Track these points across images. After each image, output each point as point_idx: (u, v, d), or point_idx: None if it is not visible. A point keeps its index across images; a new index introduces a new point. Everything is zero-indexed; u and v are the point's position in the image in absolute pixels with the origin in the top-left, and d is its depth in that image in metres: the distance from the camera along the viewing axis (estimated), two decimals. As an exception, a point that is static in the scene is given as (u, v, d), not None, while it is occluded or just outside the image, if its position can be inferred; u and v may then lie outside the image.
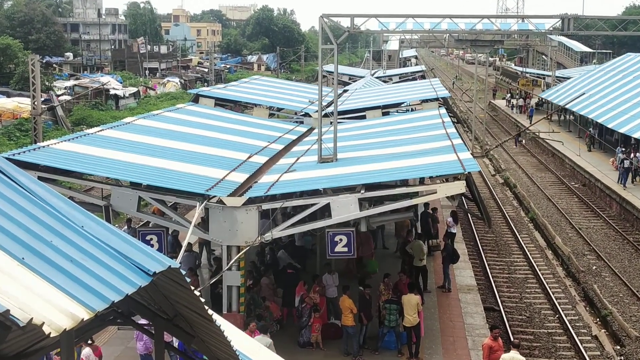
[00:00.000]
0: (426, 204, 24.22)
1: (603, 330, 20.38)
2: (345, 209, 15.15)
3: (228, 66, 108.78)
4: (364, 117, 28.67)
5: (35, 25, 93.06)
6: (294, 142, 23.92)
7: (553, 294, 22.88)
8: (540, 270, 25.11)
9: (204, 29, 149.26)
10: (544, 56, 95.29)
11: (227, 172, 17.04)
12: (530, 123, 58.14)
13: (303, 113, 29.80)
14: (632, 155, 34.15)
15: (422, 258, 20.25)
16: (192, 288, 6.88)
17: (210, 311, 7.23)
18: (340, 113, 26.91)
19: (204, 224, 18.49)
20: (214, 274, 17.76)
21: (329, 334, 17.06)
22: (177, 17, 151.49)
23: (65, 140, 17.74)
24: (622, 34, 27.50)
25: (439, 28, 23.11)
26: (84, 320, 5.06)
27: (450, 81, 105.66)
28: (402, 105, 33.17)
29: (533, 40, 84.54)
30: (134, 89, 71.10)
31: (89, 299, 5.30)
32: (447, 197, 15.84)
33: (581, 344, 19.08)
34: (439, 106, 29.04)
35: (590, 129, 44.93)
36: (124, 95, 66.67)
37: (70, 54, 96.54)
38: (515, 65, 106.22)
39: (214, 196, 15.43)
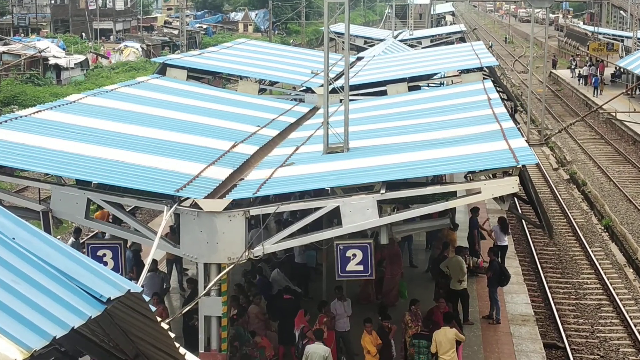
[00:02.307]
0: (474, 210, 24.22)
1: (701, 374, 20.37)
2: (360, 214, 15.14)
3: (205, 26, 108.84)
4: (384, 93, 28.65)
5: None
6: (292, 127, 23.92)
7: (635, 325, 22.85)
8: (617, 295, 25.07)
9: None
10: (622, 12, 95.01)
11: (203, 166, 17.04)
12: (595, 95, 58.23)
13: (304, 88, 29.75)
14: None
15: (461, 279, 20.26)
16: (159, 319, 6.88)
17: (182, 350, 7.24)
18: (353, 88, 26.86)
19: (173, 235, 18.46)
20: (187, 301, 17.77)
21: (339, 379, 17.10)
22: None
23: (-10, 125, 17.76)
24: None
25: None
26: (17, 362, 5.06)
27: (499, 45, 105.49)
28: (435, 77, 33.08)
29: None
30: (80, 57, 71.18)
31: (23, 335, 5.30)
32: (495, 199, 15.80)
33: (672, 392, 19.06)
34: (484, 78, 29.00)
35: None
36: (67, 65, 66.73)
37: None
38: (584, 24, 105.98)
39: (187, 198, 15.40)
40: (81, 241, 23.06)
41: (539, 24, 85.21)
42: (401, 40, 60.23)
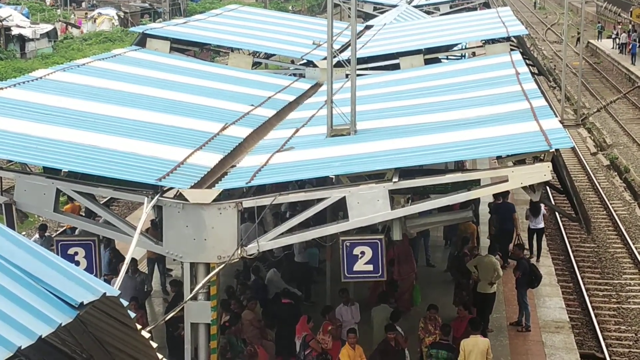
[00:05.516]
0: (504, 193, 24.38)
1: None
2: (370, 206, 15.14)
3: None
4: (397, 67, 28.64)
5: None
6: (290, 106, 23.92)
7: (685, 333, 22.90)
8: (665, 298, 25.12)
9: None
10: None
11: (189, 151, 17.05)
12: (632, 63, 58.38)
13: (304, 61, 29.72)
14: None
15: (492, 282, 20.29)
16: (139, 327, 6.90)
17: (165, 362, 7.25)
18: (361, 61, 26.83)
19: (155, 231, 18.49)
20: (171, 306, 17.81)
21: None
22: None
23: (-55, 105, 17.78)
24: None
25: None
26: (-24, 376, 5.09)
27: (528, 11, 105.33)
28: (455, 48, 33.04)
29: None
30: (47, 27, 71.16)
31: (-16, 345, 5.31)
32: (524, 188, 15.79)
33: None
34: (512, 49, 28.98)
35: None
36: (32, 36, 66.71)
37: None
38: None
39: (170, 188, 15.41)
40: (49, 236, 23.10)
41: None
42: (416, 6, 60.03)
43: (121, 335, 7.20)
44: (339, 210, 16.18)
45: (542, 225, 25.85)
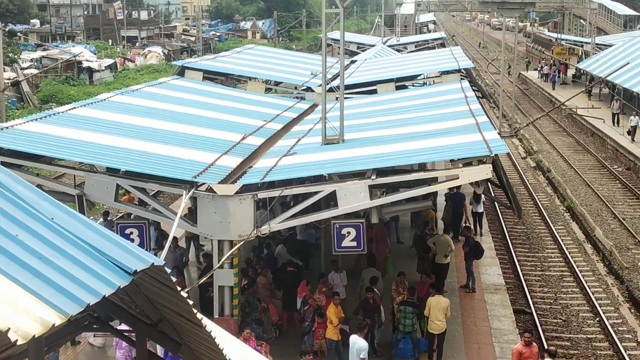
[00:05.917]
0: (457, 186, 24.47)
1: (650, 336, 20.40)
2: (354, 197, 15.14)
3: (218, 34, 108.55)
4: (374, 92, 28.60)
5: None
6: (294, 121, 23.89)
7: (593, 294, 22.89)
8: (578, 267, 25.10)
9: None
10: (582, 21, 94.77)
11: (217, 155, 17.03)
12: (553, 89, 58.55)
13: (304, 87, 29.70)
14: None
15: (447, 254, 20.32)
16: (179, 289, 6.89)
17: (199, 315, 7.25)
18: (348, 87, 26.82)
19: (191, 216, 18.51)
20: (204, 273, 17.81)
21: (336, 340, 17.07)
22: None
23: (32, 120, 17.74)
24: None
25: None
26: (55, 325, 5.08)
27: (474, 49, 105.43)
28: (419, 77, 33.05)
29: (569, 2, 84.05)
30: (110, 61, 71.03)
31: (61, 302, 5.31)
32: (471, 184, 15.82)
33: (625, 351, 19.09)
34: (461, 79, 28.95)
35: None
36: (98, 68, 66.60)
37: (36, 21, 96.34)
38: (549, 31, 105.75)
39: (203, 183, 15.41)
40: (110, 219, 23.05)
41: (509, 31, 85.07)
42: (389, 46, 60.06)
43: (165, 295, 7.18)
44: (330, 200, 16.18)
45: (482, 210, 26.21)
